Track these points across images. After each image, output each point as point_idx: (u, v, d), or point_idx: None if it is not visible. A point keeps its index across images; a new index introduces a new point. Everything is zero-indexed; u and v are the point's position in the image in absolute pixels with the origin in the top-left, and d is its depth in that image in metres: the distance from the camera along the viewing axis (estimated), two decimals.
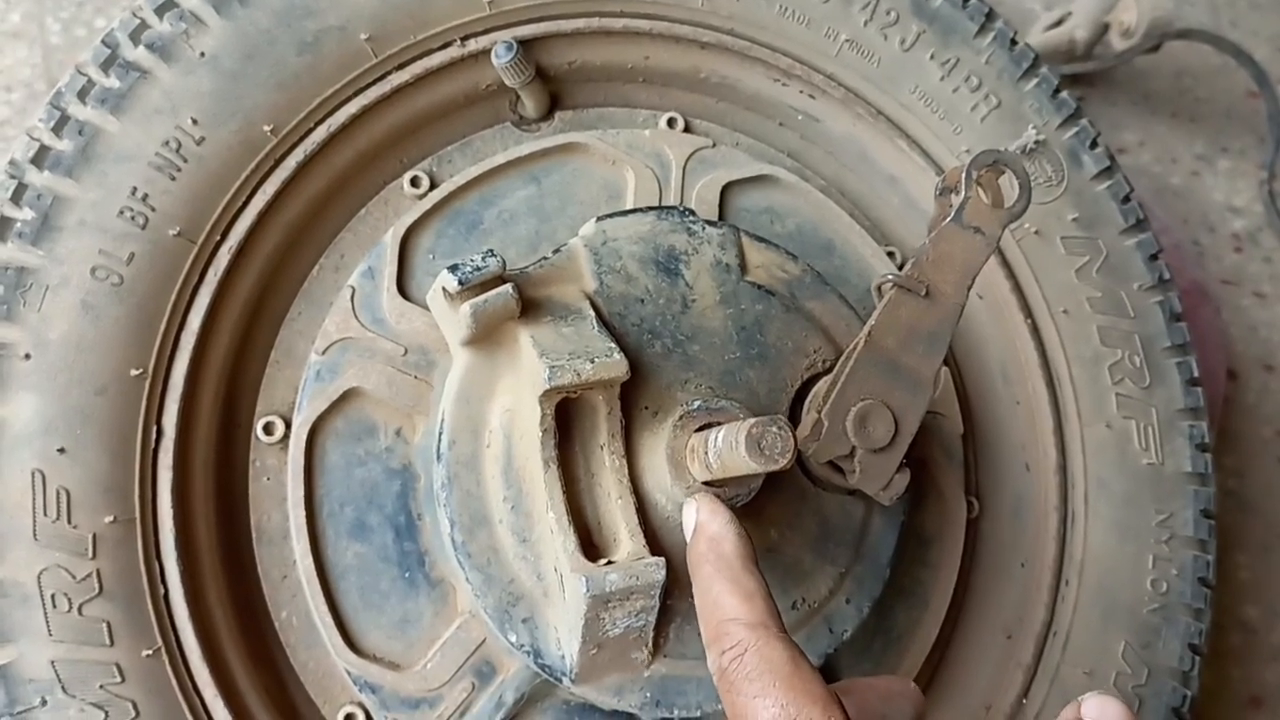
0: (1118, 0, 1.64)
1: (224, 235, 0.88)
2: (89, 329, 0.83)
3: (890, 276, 0.78)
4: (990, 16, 1.03)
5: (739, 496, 0.80)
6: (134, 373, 0.84)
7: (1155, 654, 0.99)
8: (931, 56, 1.02)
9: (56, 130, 0.86)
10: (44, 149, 0.85)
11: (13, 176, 0.85)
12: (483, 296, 0.78)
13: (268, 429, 0.91)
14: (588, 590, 0.74)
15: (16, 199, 0.84)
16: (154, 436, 0.85)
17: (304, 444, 0.88)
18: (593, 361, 0.77)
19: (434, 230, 0.93)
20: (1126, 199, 1.06)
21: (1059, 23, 1.76)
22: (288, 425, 0.90)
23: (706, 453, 0.75)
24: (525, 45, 0.95)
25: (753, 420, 0.70)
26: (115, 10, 1.51)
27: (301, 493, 0.87)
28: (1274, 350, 1.68)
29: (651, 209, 0.89)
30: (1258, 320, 1.69)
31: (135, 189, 0.85)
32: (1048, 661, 0.99)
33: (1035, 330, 1.02)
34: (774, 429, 0.70)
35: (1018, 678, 0.98)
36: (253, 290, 0.91)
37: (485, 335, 0.80)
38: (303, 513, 0.87)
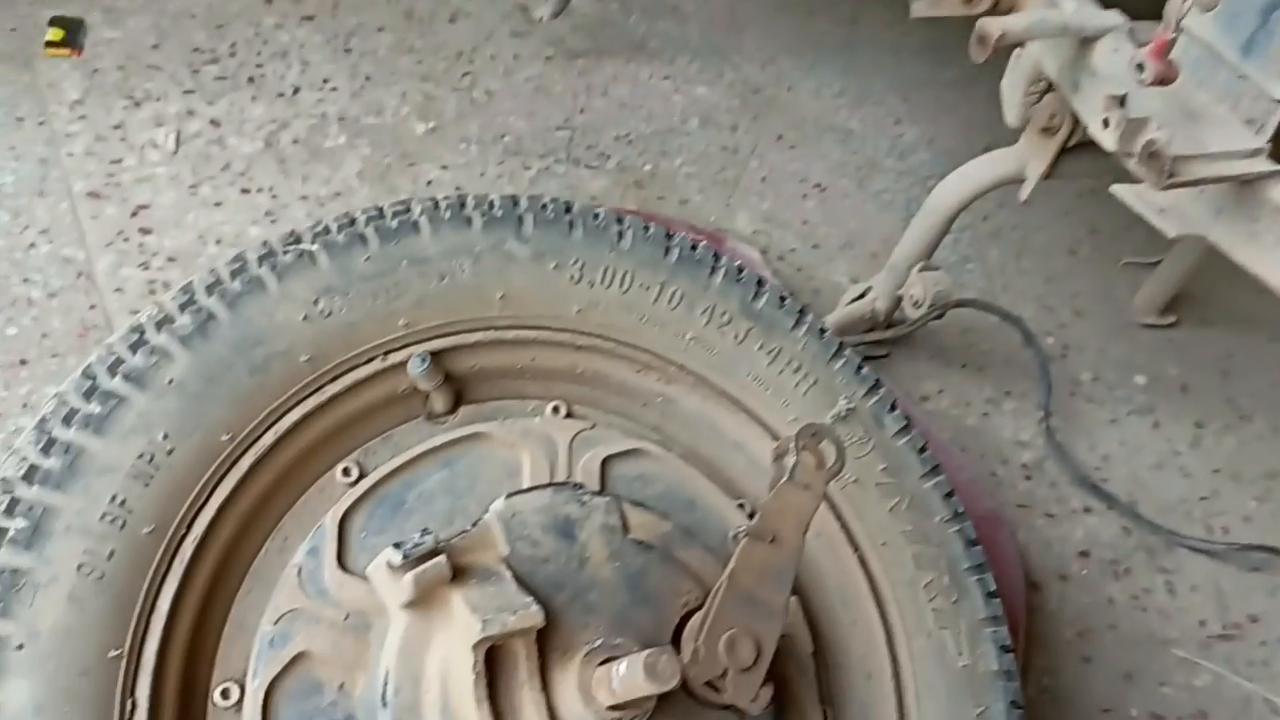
0: (907, 278, 1.99)
1: (188, 528, 1.04)
2: (75, 619, 0.97)
3: (743, 529, 1.00)
4: (803, 313, 1.31)
5: (637, 717, 0.97)
6: (112, 654, 0.98)
7: None
8: (760, 347, 1.28)
9: (44, 451, 1.02)
10: (33, 467, 1.01)
11: (5, 492, 1.00)
12: (422, 567, 0.96)
13: (224, 694, 1.04)
14: None
15: (10, 511, 1.00)
16: (129, 709, 0.98)
17: (260, 705, 1.02)
18: (514, 614, 0.95)
19: (365, 512, 1.11)
20: (923, 449, 1.32)
21: (863, 295, 2.09)
22: (242, 690, 1.04)
23: (610, 681, 0.94)
24: (435, 356, 1.17)
25: (646, 651, 0.90)
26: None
27: None
28: (1067, 562, 1.96)
29: (548, 485, 1.10)
30: (1050, 537, 1.98)
31: (115, 496, 1.02)
32: None
33: (863, 561, 1.25)
34: (664, 657, 0.89)
35: None
36: (210, 574, 1.06)
37: (423, 599, 0.98)
38: None
